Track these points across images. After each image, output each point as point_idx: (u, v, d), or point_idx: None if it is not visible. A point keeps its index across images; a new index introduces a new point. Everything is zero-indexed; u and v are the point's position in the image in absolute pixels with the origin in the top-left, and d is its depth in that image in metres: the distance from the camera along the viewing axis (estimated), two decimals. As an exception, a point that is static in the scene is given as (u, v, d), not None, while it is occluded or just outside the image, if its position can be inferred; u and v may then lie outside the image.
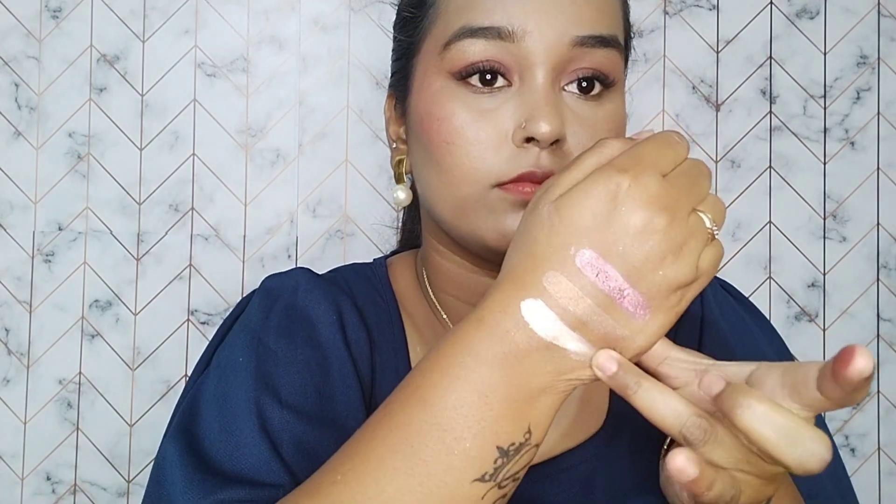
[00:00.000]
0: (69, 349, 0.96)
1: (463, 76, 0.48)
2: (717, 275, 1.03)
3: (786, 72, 0.98)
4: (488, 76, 0.47)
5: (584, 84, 0.48)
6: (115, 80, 0.97)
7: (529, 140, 0.46)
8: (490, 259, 0.50)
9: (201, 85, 0.97)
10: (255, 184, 0.97)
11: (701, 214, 0.37)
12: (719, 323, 0.58)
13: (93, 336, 0.96)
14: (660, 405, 0.35)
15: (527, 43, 0.46)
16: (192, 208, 0.97)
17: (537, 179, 0.46)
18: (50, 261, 0.96)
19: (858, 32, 0.98)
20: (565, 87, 0.48)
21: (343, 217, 0.97)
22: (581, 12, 0.47)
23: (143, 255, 0.97)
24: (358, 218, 0.97)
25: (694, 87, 0.98)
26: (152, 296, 0.96)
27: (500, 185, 0.47)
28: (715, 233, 0.37)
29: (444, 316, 0.56)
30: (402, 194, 0.56)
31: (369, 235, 0.97)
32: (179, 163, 0.97)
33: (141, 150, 0.97)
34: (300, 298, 0.54)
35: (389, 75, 0.58)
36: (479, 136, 0.47)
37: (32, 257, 0.96)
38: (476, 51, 0.47)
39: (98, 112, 0.97)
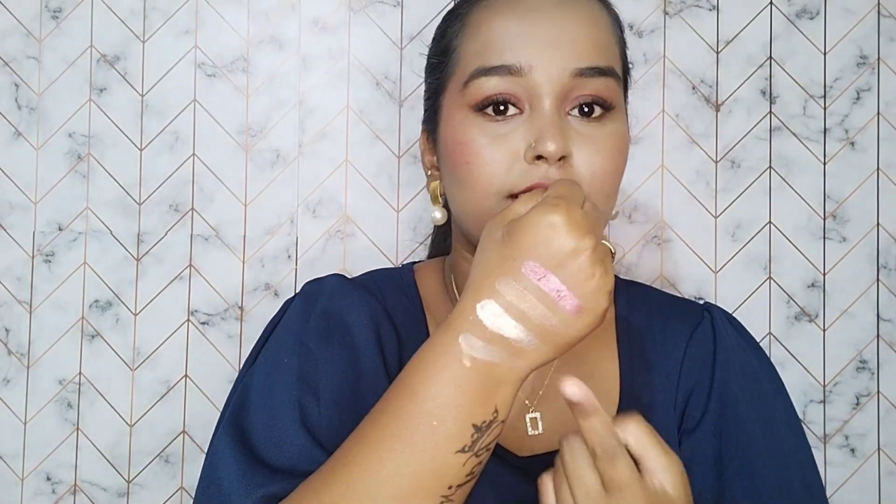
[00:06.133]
0: (69, 349, 0.96)
1: (480, 108, 0.56)
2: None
3: (786, 72, 0.98)
4: (501, 107, 0.55)
5: (586, 108, 0.55)
6: (115, 80, 0.97)
7: (539, 158, 0.53)
8: None
9: (201, 85, 0.97)
10: (255, 184, 0.97)
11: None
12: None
13: (93, 336, 0.96)
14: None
15: (534, 76, 0.54)
16: (192, 208, 0.97)
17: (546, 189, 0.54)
18: (50, 261, 0.96)
19: (858, 32, 0.98)
20: (570, 112, 0.55)
21: (343, 217, 0.97)
22: (580, 49, 0.55)
23: (143, 255, 0.97)
24: (358, 218, 0.97)
25: (694, 88, 0.98)
26: (152, 296, 0.96)
27: (513, 195, 0.54)
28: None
29: None
30: (439, 214, 0.65)
31: (369, 235, 0.97)
32: (179, 163, 0.97)
33: (141, 150, 0.97)
34: (336, 303, 0.62)
35: (422, 112, 0.66)
36: (495, 157, 0.55)
37: (32, 257, 0.96)
38: (491, 86, 0.55)
39: (98, 112, 0.97)
